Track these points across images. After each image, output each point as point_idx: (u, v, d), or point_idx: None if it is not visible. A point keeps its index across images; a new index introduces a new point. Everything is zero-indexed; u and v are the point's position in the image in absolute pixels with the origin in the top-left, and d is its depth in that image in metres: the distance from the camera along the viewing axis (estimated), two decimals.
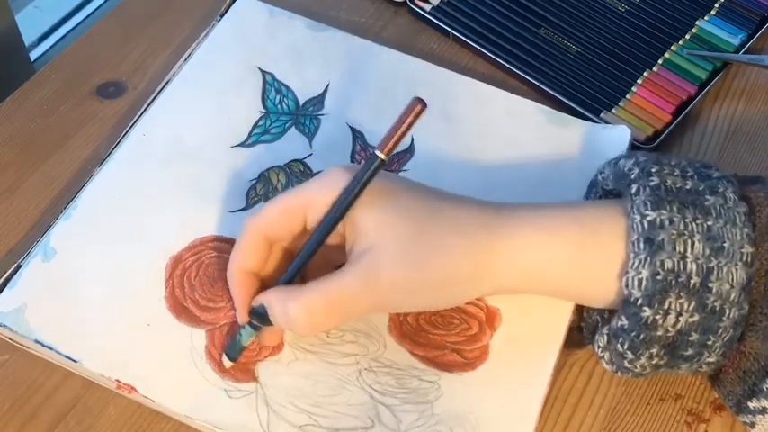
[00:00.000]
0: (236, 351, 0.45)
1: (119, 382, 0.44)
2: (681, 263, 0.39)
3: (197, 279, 0.48)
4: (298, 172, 0.53)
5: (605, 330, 0.43)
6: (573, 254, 0.42)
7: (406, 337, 0.47)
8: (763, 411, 0.42)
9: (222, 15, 0.59)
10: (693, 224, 0.40)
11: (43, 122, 0.56)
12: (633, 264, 0.40)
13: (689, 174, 0.42)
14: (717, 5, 0.63)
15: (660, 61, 0.60)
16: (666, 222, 0.40)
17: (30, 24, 0.84)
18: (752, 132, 0.58)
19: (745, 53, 0.61)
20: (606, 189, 0.46)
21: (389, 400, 0.45)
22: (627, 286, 0.40)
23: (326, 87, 0.56)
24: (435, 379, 0.45)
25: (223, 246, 0.49)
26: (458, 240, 0.41)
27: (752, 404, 0.42)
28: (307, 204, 0.42)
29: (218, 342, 0.46)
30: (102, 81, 0.58)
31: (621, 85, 0.59)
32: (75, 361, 0.45)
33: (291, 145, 0.54)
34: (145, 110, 0.54)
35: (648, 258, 0.39)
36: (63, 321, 0.46)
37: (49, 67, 0.59)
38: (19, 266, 0.48)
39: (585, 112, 0.57)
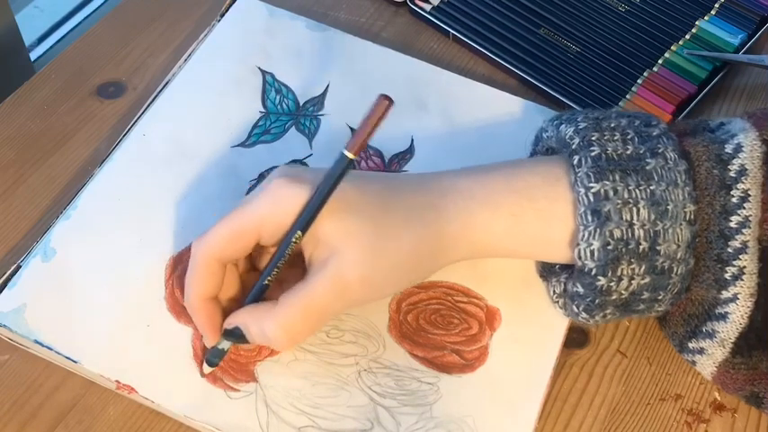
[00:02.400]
0: (217, 357, 0.44)
1: (118, 382, 0.44)
2: (629, 231, 0.41)
3: None
4: None
5: (562, 279, 0.45)
6: (513, 223, 0.43)
7: (406, 338, 0.47)
8: (701, 352, 0.44)
9: (222, 15, 0.59)
10: (637, 191, 0.41)
11: (43, 122, 0.56)
12: (583, 236, 0.41)
13: (629, 137, 0.43)
14: (717, 5, 0.63)
15: (660, 61, 0.60)
16: (611, 192, 0.41)
17: (30, 24, 0.84)
18: None
19: (745, 53, 0.61)
20: (550, 146, 0.47)
21: (389, 402, 0.45)
22: (580, 258, 0.41)
23: (326, 87, 0.56)
24: (434, 381, 0.45)
25: None
26: (411, 231, 0.43)
27: (692, 344, 0.44)
28: (260, 224, 0.42)
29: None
30: (102, 81, 0.58)
31: (621, 85, 0.59)
32: (74, 361, 0.45)
33: (291, 145, 0.54)
34: (145, 110, 0.54)
35: (598, 230, 0.41)
36: (63, 321, 0.46)
37: (49, 67, 0.59)
38: (19, 266, 0.48)
39: None
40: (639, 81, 0.59)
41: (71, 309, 0.47)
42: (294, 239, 0.41)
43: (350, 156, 0.41)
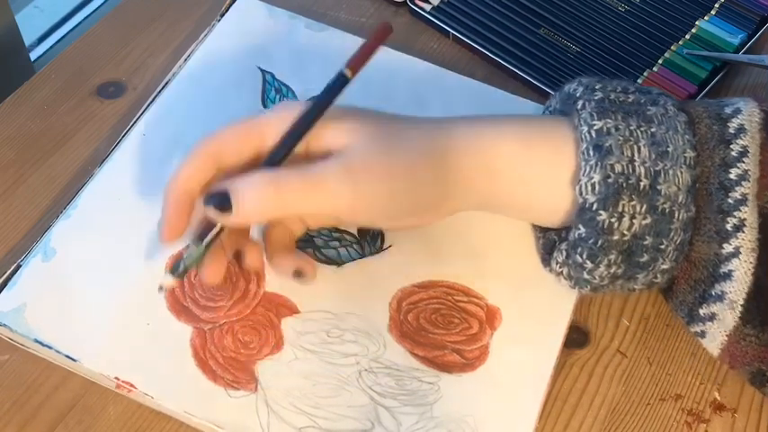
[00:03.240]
0: (191, 260, 0.42)
1: (118, 380, 0.44)
2: (629, 166, 0.41)
3: (196, 278, 0.48)
4: None
5: (563, 246, 0.45)
6: (521, 147, 0.44)
7: (406, 337, 0.47)
8: (712, 318, 0.44)
9: (222, 15, 0.59)
10: (638, 131, 0.42)
11: (43, 122, 0.56)
12: (585, 170, 0.42)
13: (630, 90, 0.45)
14: (717, 5, 0.63)
15: (660, 61, 0.60)
16: (612, 129, 0.42)
17: (30, 24, 0.84)
18: None
19: (745, 53, 0.61)
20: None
21: (389, 402, 0.45)
22: (581, 194, 0.42)
23: None
24: (435, 380, 0.45)
25: None
26: (419, 131, 0.44)
27: (702, 311, 0.44)
28: (264, 126, 0.43)
29: (214, 341, 0.46)
30: (102, 81, 0.58)
31: None
32: (74, 360, 0.45)
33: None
34: (145, 110, 0.54)
35: (599, 163, 0.42)
36: (63, 321, 0.46)
37: (49, 67, 0.59)
38: (19, 266, 0.48)
39: None
40: (639, 81, 0.59)
41: (71, 308, 0.47)
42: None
43: (348, 74, 0.43)
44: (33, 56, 0.82)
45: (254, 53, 0.58)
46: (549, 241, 0.47)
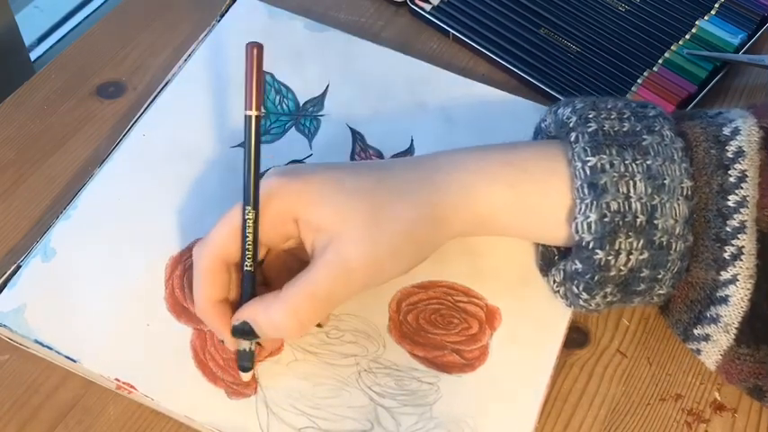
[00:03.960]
0: (246, 360, 0.44)
1: (118, 381, 0.44)
2: (626, 203, 0.41)
3: None
4: None
5: (561, 266, 0.45)
6: (511, 194, 0.43)
7: (406, 338, 0.47)
8: (706, 338, 0.44)
9: (222, 15, 0.59)
10: (633, 165, 0.41)
11: (43, 122, 0.56)
12: (580, 209, 0.41)
13: (626, 116, 0.44)
14: (717, 5, 0.63)
15: (660, 61, 0.60)
16: (607, 166, 0.41)
17: (30, 24, 0.84)
18: None
19: (745, 53, 0.61)
20: (549, 136, 0.47)
21: (389, 403, 0.45)
22: (577, 232, 0.41)
23: (326, 88, 0.56)
24: (434, 381, 0.45)
25: None
26: (407, 205, 0.42)
27: (697, 331, 0.44)
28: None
29: (214, 343, 0.46)
30: (102, 81, 0.58)
31: (621, 85, 0.59)
32: (74, 361, 0.45)
33: (291, 145, 0.54)
34: (145, 110, 0.54)
35: (594, 202, 0.41)
36: (63, 321, 0.46)
37: (49, 67, 0.59)
38: (19, 266, 0.48)
39: None
40: (639, 81, 0.59)
41: (71, 309, 0.47)
42: (246, 216, 0.42)
43: (253, 114, 0.41)
44: (33, 56, 0.82)
45: None
46: (549, 253, 0.47)
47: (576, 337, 0.48)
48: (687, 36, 0.62)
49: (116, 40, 0.60)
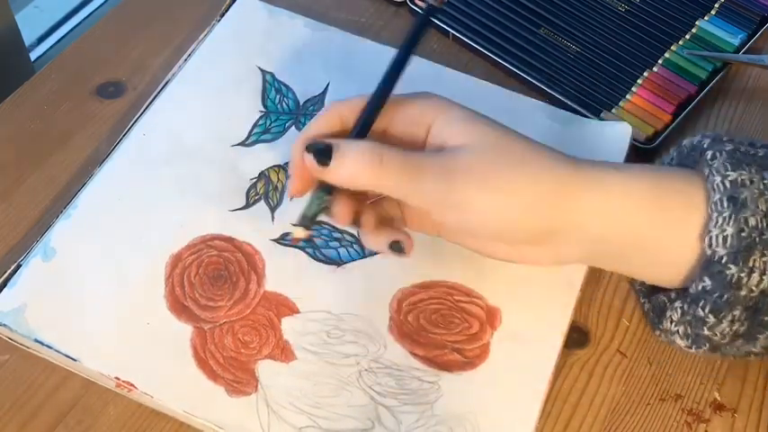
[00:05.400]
0: (306, 219, 0.43)
1: (118, 379, 0.44)
2: (764, 220, 0.39)
3: (197, 278, 0.48)
4: None
5: (678, 304, 0.42)
6: (646, 217, 0.41)
7: (407, 337, 0.47)
8: None
9: (222, 15, 0.59)
10: None
11: (43, 122, 0.56)
12: (717, 222, 0.40)
13: (758, 145, 0.43)
14: (717, 5, 0.63)
15: (660, 61, 0.60)
16: (747, 181, 0.40)
17: (30, 24, 0.84)
18: (752, 132, 0.58)
19: (745, 53, 0.61)
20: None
21: (389, 402, 0.45)
22: (710, 246, 0.40)
23: (326, 87, 0.56)
24: (435, 379, 0.45)
25: (223, 245, 0.49)
26: (540, 158, 0.41)
27: None
28: (397, 105, 0.43)
29: (214, 341, 0.46)
30: (102, 81, 0.58)
31: (621, 85, 0.59)
32: (74, 360, 0.45)
33: (291, 144, 0.53)
34: (145, 110, 0.54)
35: (733, 216, 0.39)
36: (63, 321, 0.46)
37: (49, 67, 0.59)
38: (19, 266, 0.48)
39: (585, 113, 0.57)
40: (639, 81, 0.59)
41: (71, 308, 0.47)
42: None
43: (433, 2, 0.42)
44: (33, 56, 0.82)
45: (254, 53, 0.58)
46: (660, 303, 0.45)
47: (576, 337, 0.48)
48: (687, 36, 0.62)
49: (116, 40, 0.60)
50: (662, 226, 0.42)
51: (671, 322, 0.43)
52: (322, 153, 0.41)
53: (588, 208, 0.41)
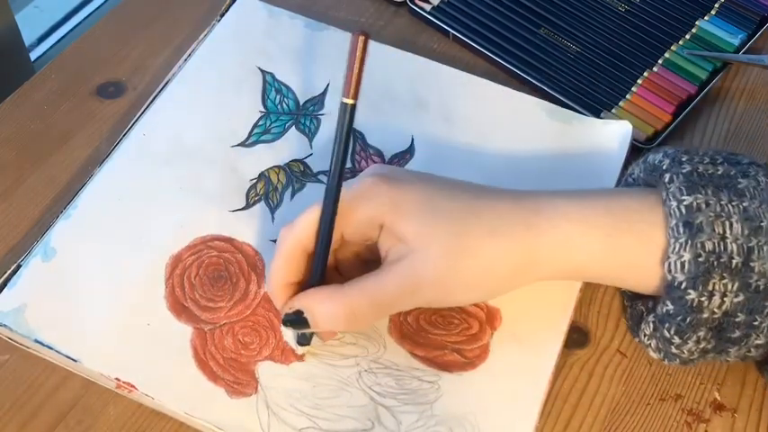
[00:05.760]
0: (304, 338, 0.45)
1: (118, 380, 0.44)
2: (721, 244, 0.40)
3: (197, 278, 0.48)
4: (298, 172, 0.53)
5: (651, 318, 0.43)
6: (608, 245, 0.42)
7: (406, 338, 0.47)
8: None
9: (222, 15, 0.59)
10: (729, 206, 0.40)
11: (43, 122, 0.56)
12: (674, 248, 0.40)
13: (718, 161, 0.43)
14: (717, 5, 0.63)
15: (660, 61, 0.60)
16: (703, 205, 0.40)
17: (30, 24, 0.84)
18: (752, 132, 0.58)
19: (745, 53, 0.61)
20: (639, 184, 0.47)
21: (389, 402, 0.45)
22: (670, 271, 0.40)
23: (327, 87, 0.56)
24: (435, 379, 0.45)
25: (223, 245, 0.49)
26: (497, 242, 0.42)
27: None
28: (343, 216, 0.43)
29: (214, 342, 0.46)
30: (102, 81, 0.58)
31: (621, 85, 0.59)
32: (74, 360, 0.45)
33: (291, 145, 0.54)
34: (145, 110, 0.54)
35: (689, 241, 0.40)
36: (63, 321, 0.46)
37: (49, 67, 0.59)
38: (19, 266, 0.48)
39: (586, 112, 0.57)
40: (639, 81, 0.59)
41: (71, 308, 0.47)
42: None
43: (349, 102, 0.41)
44: (33, 56, 0.82)
45: (254, 53, 0.58)
46: (638, 312, 0.46)
47: (576, 337, 0.48)
48: (687, 36, 0.62)
49: (116, 40, 0.60)
50: (621, 266, 0.43)
51: (645, 335, 0.44)
52: (298, 322, 0.43)
53: (549, 272, 0.43)
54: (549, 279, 0.44)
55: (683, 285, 0.40)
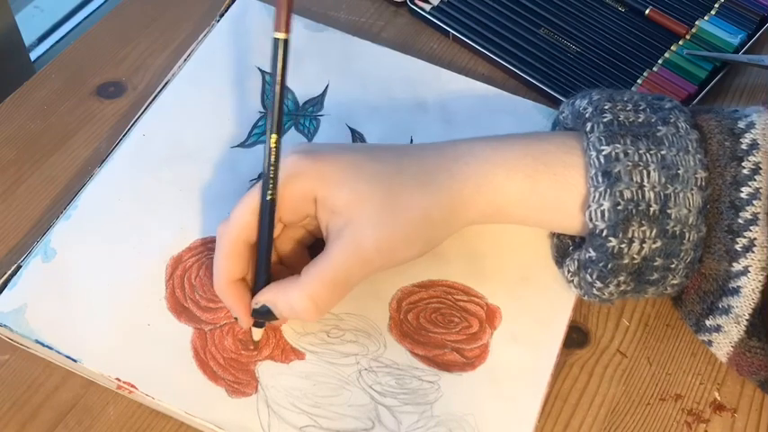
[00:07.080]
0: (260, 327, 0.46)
1: (119, 380, 0.44)
2: (639, 192, 0.41)
3: (197, 279, 0.48)
4: None
5: (576, 256, 0.45)
6: (528, 186, 0.44)
7: (407, 336, 0.47)
8: (718, 329, 0.44)
9: (222, 15, 0.59)
10: (647, 155, 0.42)
11: (43, 122, 0.56)
12: (594, 197, 0.42)
13: (641, 107, 0.44)
14: (717, 5, 0.63)
15: (660, 61, 0.60)
16: (621, 155, 0.42)
17: (30, 24, 0.84)
18: None
19: (745, 53, 0.61)
20: (567, 128, 0.48)
21: (390, 401, 0.45)
22: (591, 219, 0.42)
23: (326, 88, 0.56)
24: (435, 379, 0.45)
25: None
26: (425, 192, 0.43)
27: (708, 322, 0.45)
28: (277, 201, 0.43)
29: (214, 342, 0.46)
30: (102, 81, 0.58)
31: (621, 86, 0.59)
32: (75, 360, 0.45)
33: (291, 145, 0.54)
34: (145, 110, 0.54)
35: (608, 190, 0.41)
36: (63, 321, 0.46)
37: (49, 67, 0.59)
38: (19, 266, 0.48)
39: None
40: (639, 81, 0.59)
41: (72, 308, 0.47)
42: (272, 145, 0.42)
43: (281, 36, 0.41)
44: (33, 56, 0.82)
45: (254, 53, 0.57)
46: (564, 244, 0.48)
47: (576, 337, 0.48)
48: (687, 36, 0.62)
49: (116, 40, 0.60)
50: (544, 210, 0.44)
51: (568, 272, 0.46)
52: (267, 316, 0.44)
53: (474, 210, 0.44)
54: (480, 222, 0.45)
55: (604, 233, 0.42)
